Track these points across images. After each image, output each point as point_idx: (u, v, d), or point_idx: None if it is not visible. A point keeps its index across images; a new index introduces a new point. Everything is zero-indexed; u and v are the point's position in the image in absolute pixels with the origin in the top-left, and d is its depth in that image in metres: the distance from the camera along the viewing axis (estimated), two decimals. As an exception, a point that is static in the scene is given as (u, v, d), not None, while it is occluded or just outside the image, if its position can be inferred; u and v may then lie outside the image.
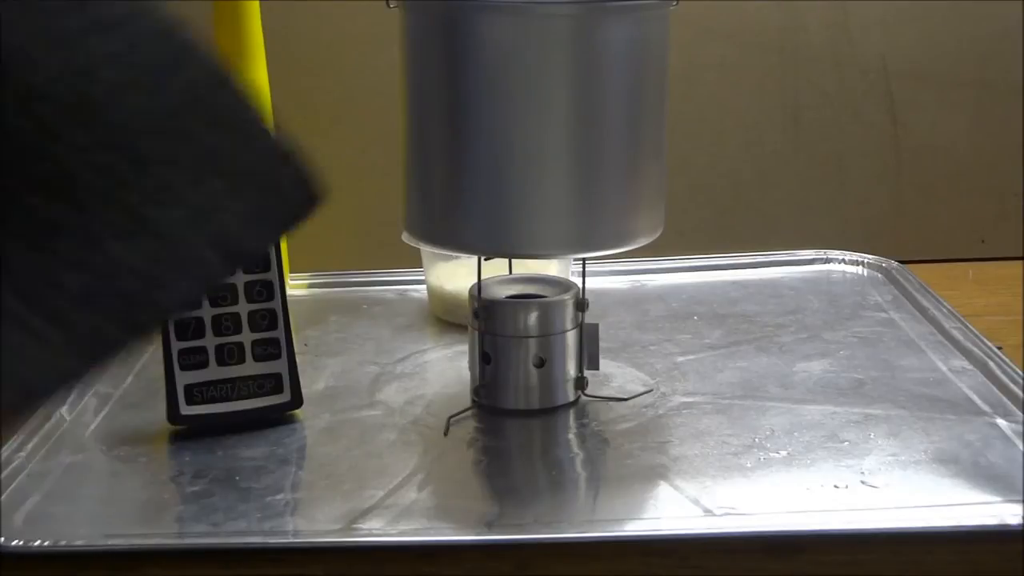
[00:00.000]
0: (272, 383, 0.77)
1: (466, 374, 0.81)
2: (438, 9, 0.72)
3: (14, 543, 0.64)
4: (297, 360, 0.78)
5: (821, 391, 0.81)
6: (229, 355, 0.76)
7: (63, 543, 0.64)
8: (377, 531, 0.65)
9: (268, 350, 0.77)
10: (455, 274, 0.95)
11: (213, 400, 0.76)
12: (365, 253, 1.09)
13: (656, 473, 0.71)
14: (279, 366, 0.77)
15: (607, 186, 0.73)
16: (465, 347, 0.82)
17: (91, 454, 0.75)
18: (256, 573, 0.63)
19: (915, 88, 1.12)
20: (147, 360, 0.89)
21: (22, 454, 0.74)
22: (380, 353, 0.90)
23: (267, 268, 0.77)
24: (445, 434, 0.76)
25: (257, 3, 0.97)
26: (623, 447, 0.75)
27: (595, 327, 0.80)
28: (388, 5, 0.75)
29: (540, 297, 0.79)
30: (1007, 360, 0.82)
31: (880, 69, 1.11)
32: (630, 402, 0.80)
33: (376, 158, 1.09)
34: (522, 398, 0.79)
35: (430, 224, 0.77)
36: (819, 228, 1.11)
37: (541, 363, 0.78)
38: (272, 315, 0.77)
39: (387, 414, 0.80)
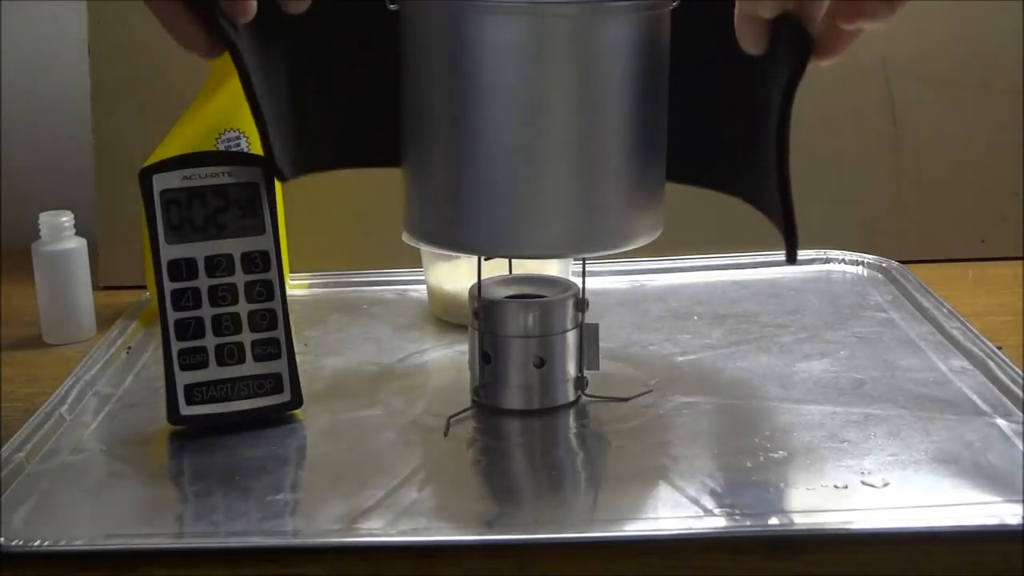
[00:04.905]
0: (272, 383, 0.77)
1: (466, 374, 0.81)
2: (438, 9, 0.72)
3: (14, 543, 0.64)
4: (297, 360, 0.78)
5: (821, 391, 0.81)
6: (229, 355, 0.76)
7: (63, 543, 0.64)
8: (377, 531, 0.65)
9: (268, 350, 0.77)
10: (455, 274, 0.95)
11: (213, 400, 0.76)
12: (365, 253, 1.09)
13: (656, 473, 0.71)
14: (279, 366, 0.77)
15: (607, 186, 0.73)
16: (465, 347, 0.82)
17: (91, 454, 0.75)
18: (256, 573, 0.63)
19: (915, 88, 1.12)
20: (147, 360, 0.89)
21: (22, 454, 0.74)
22: (380, 353, 0.90)
23: (267, 268, 0.77)
24: (445, 434, 0.76)
25: (257, 3, 0.97)
26: (623, 447, 0.75)
27: (595, 327, 0.80)
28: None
29: (540, 297, 0.79)
30: (1007, 360, 0.82)
31: (880, 69, 1.11)
32: (630, 402, 0.80)
33: (376, 158, 1.09)
34: (522, 398, 0.79)
35: (430, 224, 0.77)
36: (819, 228, 1.11)
37: (541, 363, 0.78)
38: (272, 315, 0.77)
39: (387, 414, 0.80)
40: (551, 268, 0.91)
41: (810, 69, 0.67)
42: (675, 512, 0.67)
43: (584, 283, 0.79)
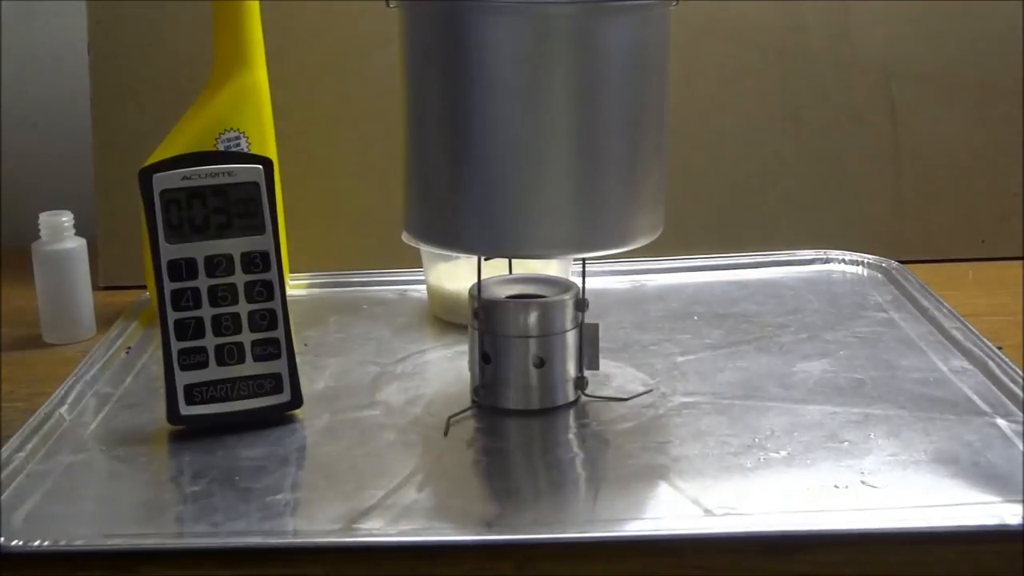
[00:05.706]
0: (272, 383, 0.77)
1: (466, 374, 0.81)
2: (438, 9, 0.72)
3: (14, 543, 0.64)
4: (297, 360, 0.78)
5: (821, 391, 0.81)
6: (229, 355, 0.76)
7: (63, 543, 0.64)
8: (377, 531, 0.65)
9: (268, 350, 0.77)
10: (455, 274, 0.95)
11: (213, 400, 0.76)
12: (365, 253, 1.09)
13: (656, 473, 0.71)
14: (279, 366, 0.77)
15: (607, 186, 0.73)
16: (465, 347, 0.82)
17: (91, 454, 0.75)
18: (256, 573, 0.63)
19: (915, 88, 1.12)
20: (147, 360, 0.89)
21: (22, 454, 0.74)
22: (380, 353, 0.90)
23: (267, 268, 0.77)
24: (445, 434, 0.76)
25: (257, 3, 0.97)
26: (623, 447, 0.75)
27: (595, 327, 0.80)
28: (388, 5, 0.75)
29: (540, 297, 0.79)
30: (1007, 360, 0.82)
31: (880, 69, 1.11)
32: (630, 402, 0.80)
33: (376, 158, 1.09)
34: (522, 398, 0.79)
35: (430, 224, 0.77)
36: (819, 228, 1.11)
37: (541, 363, 0.78)
38: (272, 315, 0.77)
39: (387, 414, 0.80)
40: (551, 268, 0.91)
41: (810, 68, 0.67)
42: (675, 512, 0.67)
43: (584, 283, 0.79)
